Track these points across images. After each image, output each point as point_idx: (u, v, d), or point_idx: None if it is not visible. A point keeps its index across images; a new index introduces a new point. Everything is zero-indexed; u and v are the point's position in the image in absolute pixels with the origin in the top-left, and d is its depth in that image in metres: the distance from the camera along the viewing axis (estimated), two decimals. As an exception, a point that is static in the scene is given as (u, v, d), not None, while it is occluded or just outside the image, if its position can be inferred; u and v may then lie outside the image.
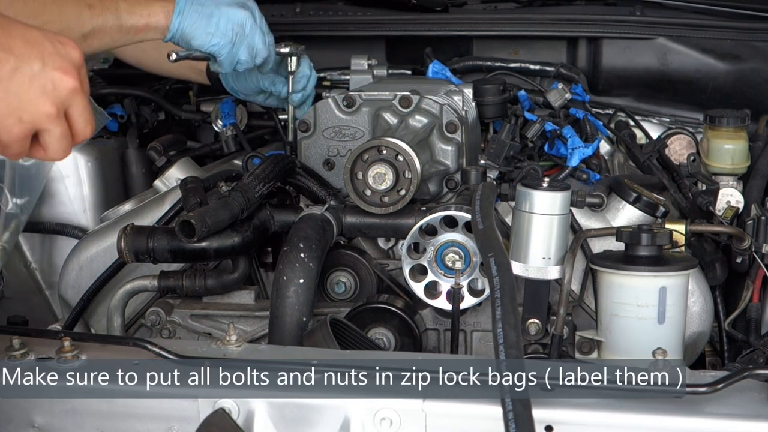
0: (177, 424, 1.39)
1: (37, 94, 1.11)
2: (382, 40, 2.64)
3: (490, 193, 1.72)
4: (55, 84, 1.13)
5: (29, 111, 1.11)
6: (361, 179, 1.80)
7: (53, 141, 1.16)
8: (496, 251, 1.46)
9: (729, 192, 2.08)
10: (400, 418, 1.33)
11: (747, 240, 1.81)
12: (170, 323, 1.91)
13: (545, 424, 1.29)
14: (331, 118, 1.99)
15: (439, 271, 1.83)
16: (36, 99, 1.11)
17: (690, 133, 2.46)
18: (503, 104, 2.23)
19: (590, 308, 1.85)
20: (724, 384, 1.31)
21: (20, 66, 1.10)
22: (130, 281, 1.91)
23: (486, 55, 2.59)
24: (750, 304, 1.88)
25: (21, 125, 1.11)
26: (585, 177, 2.03)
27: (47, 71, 1.12)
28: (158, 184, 2.08)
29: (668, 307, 1.65)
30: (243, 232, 1.80)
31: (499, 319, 1.30)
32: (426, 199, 1.94)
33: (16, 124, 1.11)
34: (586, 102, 2.40)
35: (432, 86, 2.14)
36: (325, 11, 2.62)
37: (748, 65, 2.49)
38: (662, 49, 2.53)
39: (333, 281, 1.92)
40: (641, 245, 1.68)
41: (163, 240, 1.79)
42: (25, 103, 1.11)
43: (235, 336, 1.49)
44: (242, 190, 1.79)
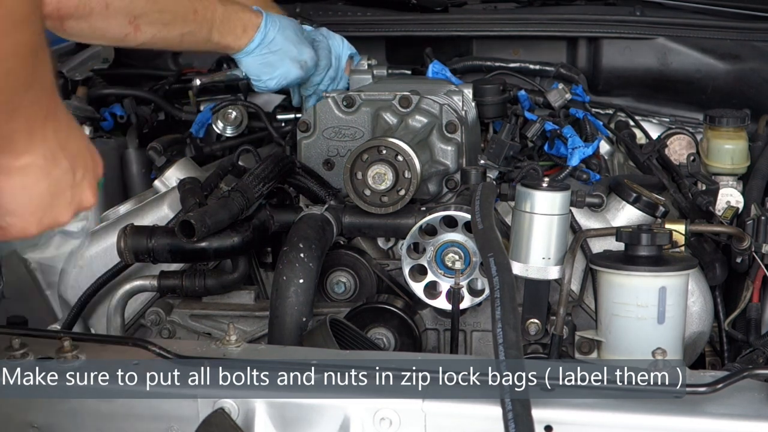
0: (177, 424, 1.39)
1: (66, 202, 1.09)
2: (382, 40, 2.64)
3: (490, 193, 1.72)
4: (82, 199, 1.11)
5: (52, 217, 1.08)
6: (361, 179, 1.80)
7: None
8: (496, 251, 1.46)
9: (729, 192, 2.08)
10: (399, 418, 1.33)
11: (747, 240, 1.81)
12: (170, 323, 1.91)
13: (545, 424, 1.29)
14: (330, 118, 1.99)
15: (439, 271, 1.83)
16: (63, 208, 1.08)
17: (690, 133, 2.46)
18: (503, 104, 2.23)
19: (590, 308, 1.85)
20: (724, 384, 1.31)
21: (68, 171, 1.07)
22: (130, 281, 1.91)
23: (486, 55, 2.59)
24: (750, 304, 1.88)
25: (38, 227, 1.07)
26: (585, 177, 2.03)
27: (82, 185, 1.10)
28: (158, 184, 2.08)
29: (668, 307, 1.65)
30: (243, 232, 1.80)
31: (498, 319, 1.30)
32: (426, 199, 1.94)
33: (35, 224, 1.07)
34: (586, 102, 2.40)
35: (432, 86, 2.14)
36: (324, 11, 2.62)
37: (748, 65, 2.49)
38: (662, 49, 2.53)
39: (333, 281, 1.92)
40: (641, 245, 1.68)
41: (163, 240, 1.79)
42: (54, 208, 1.07)
43: (235, 336, 1.49)
44: (242, 190, 1.79)
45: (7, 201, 1.02)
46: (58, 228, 1.14)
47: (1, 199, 1.02)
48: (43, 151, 1.02)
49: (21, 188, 1.03)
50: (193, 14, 1.93)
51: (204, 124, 2.44)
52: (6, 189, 1.02)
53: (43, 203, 1.06)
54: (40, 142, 1.02)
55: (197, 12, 1.94)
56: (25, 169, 1.02)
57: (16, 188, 1.02)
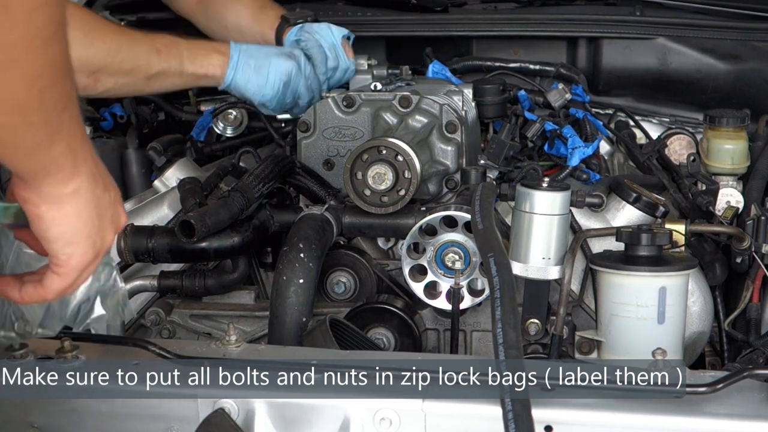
0: (177, 424, 1.39)
1: (109, 222, 1.05)
2: (382, 40, 2.63)
3: (490, 193, 1.71)
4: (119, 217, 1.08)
5: (103, 238, 1.04)
6: (361, 179, 1.80)
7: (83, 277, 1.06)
8: (496, 251, 1.46)
9: (729, 192, 2.08)
10: (399, 418, 1.33)
11: (747, 240, 1.81)
12: (170, 323, 1.91)
13: (545, 424, 1.29)
14: (330, 118, 1.99)
15: (439, 271, 1.83)
16: (108, 227, 1.05)
17: (690, 133, 2.46)
18: (503, 104, 2.23)
19: (590, 308, 1.85)
20: (724, 384, 1.30)
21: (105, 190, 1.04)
22: (130, 281, 1.91)
23: (486, 55, 2.59)
24: (750, 304, 1.88)
25: (93, 251, 1.03)
26: (585, 177, 2.03)
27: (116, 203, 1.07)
28: (157, 184, 2.08)
29: (668, 307, 1.65)
30: (243, 232, 1.80)
31: (498, 319, 1.30)
32: (426, 199, 1.94)
33: (92, 249, 1.02)
34: (586, 102, 2.40)
35: (432, 86, 2.14)
36: (324, 11, 2.62)
37: (748, 65, 2.49)
38: (662, 49, 2.52)
39: (333, 281, 1.92)
40: (641, 245, 1.68)
41: (163, 240, 1.79)
42: (102, 229, 1.03)
43: (235, 336, 1.49)
44: (242, 190, 1.79)
45: (65, 231, 0.99)
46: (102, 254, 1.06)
47: (56, 230, 0.99)
48: (86, 173, 1.00)
49: (76, 215, 0.99)
50: (156, 55, 1.96)
51: (205, 128, 2.44)
52: (61, 219, 0.98)
53: (95, 226, 1.02)
54: (82, 162, 0.99)
55: (161, 52, 1.96)
56: (75, 193, 0.99)
57: (70, 215, 0.99)
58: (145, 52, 1.94)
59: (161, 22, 2.67)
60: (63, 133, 0.95)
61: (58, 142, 0.95)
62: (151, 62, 1.95)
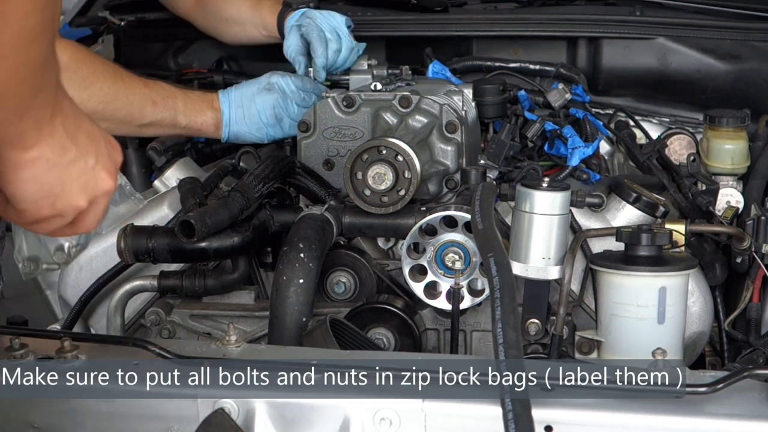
0: (177, 424, 1.39)
1: (79, 187, 1.13)
2: (382, 40, 2.63)
3: (490, 193, 1.71)
4: (97, 182, 1.15)
5: (65, 200, 1.13)
6: (361, 179, 1.80)
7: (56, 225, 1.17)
8: (496, 251, 1.46)
9: (729, 192, 2.08)
10: (399, 418, 1.33)
11: (747, 240, 1.81)
12: (170, 323, 1.91)
13: (545, 424, 1.29)
14: (330, 118, 1.99)
15: (439, 271, 1.83)
16: (76, 192, 1.13)
17: (690, 133, 2.46)
18: (503, 104, 2.23)
19: (590, 308, 1.85)
20: (724, 384, 1.31)
21: (78, 159, 1.12)
22: (130, 281, 1.91)
23: (486, 55, 2.59)
24: (750, 304, 1.88)
25: (51, 209, 1.13)
26: (585, 177, 2.03)
27: (97, 169, 1.15)
28: (157, 184, 2.08)
29: (668, 307, 1.65)
30: (243, 232, 1.80)
31: (498, 319, 1.30)
32: (426, 199, 1.94)
33: (48, 207, 1.13)
34: (586, 102, 2.40)
35: (432, 86, 2.14)
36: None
37: (748, 65, 2.49)
38: (662, 49, 2.53)
39: (333, 281, 1.92)
40: (641, 245, 1.68)
41: (163, 240, 1.79)
42: (66, 193, 1.13)
43: (235, 336, 1.49)
44: (242, 190, 1.79)
45: (20, 190, 1.09)
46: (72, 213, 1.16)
47: (14, 189, 1.09)
48: (51, 144, 1.08)
49: (31, 179, 1.09)
50: (151, 105, 1.99)
51: None
52: (17, 180, 1.08)
53: (54, 190, 1.11)
54: (47, 136, 1.07)
55: (156, 103, 2.00)
56: (34, 161, 1.07)
57: (26, 179, 1.08)
58: (140, 102, 1.98)
59: (161, 22, 2.68)
60: (32, 112, 1.04)
61: (25, 120, 1.03)
62: (144, 112, 1.99)
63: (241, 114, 2.11)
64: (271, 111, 2.12)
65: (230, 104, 2.11)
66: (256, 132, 2.13)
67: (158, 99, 2.01)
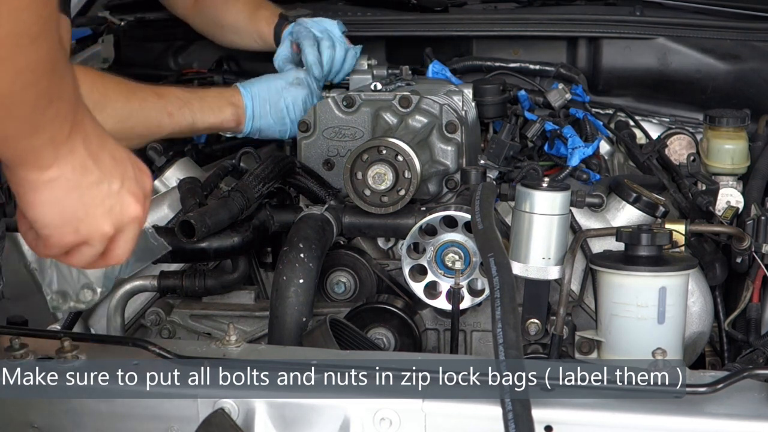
0: (177, 424, 1.39)
1: (104, 212, 1.09)
2: (382, 40, 2.63)
3: (490, 193, 1.71)
4: (123, 208, 1.11)
5: (89, 225, 1.08)
6: (361, 179, 1.80)
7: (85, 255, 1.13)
8: (496, 251, 1.46)
9: (729, 192, 2.08)
10: (399, 418, 1.33)
11: (747, 240, 1.81)
12: (170, 323, 1.91)
13: (545, 424, 1.29)
14: (330, 118, 1.99)
15: (439, 271, 1.83)
16: (101, 217, 1.09)
17: (690, 133, 2.46)
18: (503, 104, 2.23)
19: (590, 308, 1.85)
20: (724, 384, 1.30)
21: (102, 181, 1.07)
22: (130, 281, 1.91)
23: (486, 55, 2.58)
24: (750, 304, 1.88)
25: (75, 235, 1.08)
26: (585, 177, 2.03)
27: (122, 194, 1.10)
28: (157, 184, 2.08)
29: (668, 307, 1.65)
30: (243, 232, 1.80)
31: (498, 319, 1.30)
32: (426, 199, 1.94)
33: (71, 233, 1.08)
34: (586, 102, 2.40)
35: (432, 86, 2.14)
36: (324, 11, 2.62)
37: (748, 65, 2.49)
38: (662, 49, 2.52)
39: (333, 281, 1.92)
40: (641, 245, 1.67)
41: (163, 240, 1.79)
42: (90, 217, 1.08)
43: (235, 336, 1.49)
44: (242, 190, 1.79)
45: (41, 213, 1.04)
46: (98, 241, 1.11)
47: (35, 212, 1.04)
48: (71, 163, 1.03)
49: (52, 201, 1.04)
50: (168, 117, 1.97)
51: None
52: (36, 203, 1.04)
53: (77, 214, 1.07)
54: (67, 154, 1.03)
55: (172, 115, 1.98)
56: (53, 181, 1.03)
57: (46, 201, 1.04)
58: (156, 116, 1.96)
59: (161, 22, 2.68)
60: (46, 127, 0.99)
61: (39, 134, 0.99)
62: (162, 125, 1.97)
63: (267, 108, 2.08)
64: (300, 105, 2.10)
65: (254, 98, 2.08)
66: (281, 126, 2.11)
67: (174, 109, 1.98)
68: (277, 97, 2.10)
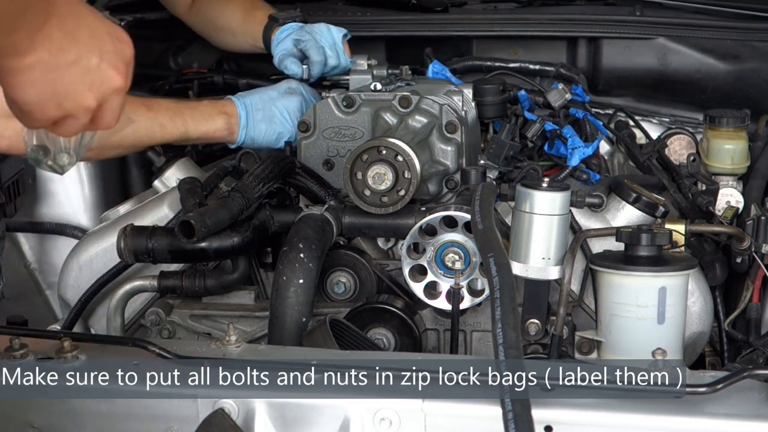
0: (177, 424, 1.39)
1: (85, 87, 1.12)
2: (382, 40, 2.64)
3: (490, 193, 1.71)
4: (104, 81, 1.14)
5: (72, 100, 1.12)
6: (361, 179, 1.80)
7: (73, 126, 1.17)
8: (496, 251, 1.46)
9: (729, 192, 2.08)
10: (399, 418, 1.33)
11: (747, 240, 1.81)
12: (170, 323, 1.91)
13: (545, 424, 1.29)
14: (330, 119, 1.99)
15: (439, 272, 1.83)
16: (83, 91, 1.12)
17: (690, 133, 2.46)
18: (503, 104, 2.23)
19: (590, 308, 1.85)
20: (724, 384, 1.31)
21: (80, 58, 1.11)
22: (130, 281, 1.91)
23: (486, 55, 2.59)
24: (750, 304, 1.88)
25: (58, 110, 1.12)
26: (585, 177, 2.03)
27: (102, 68, 1.13)
28: (157, 184, 2.08)
29: (668, 307, 1.65)
30: (243, 232, 1.80)
31: (498, 319, 1.30)
32: (426, 199, 1.94)
33: (55, 108, 1.12)
34: (586, 102, 2.40)
35: (432, 86, 2.14)
36: (325, 11, 2.62)
37: (748, 65, 2.49)
38: (662, 49, 2.53)
39: (333, 281, 1.92)
40: (641, 245, 1.68)
41: (163, 240, 1.79)
42: (72, 93, 1.11)
43: (235, 336, 1.49)
44: (242, 191, 1.79)
45: (20, 94, 1.09)
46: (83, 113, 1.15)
47: (14, 93, 1.09)
48: (47, 48, 1.07)
49: (29, 83, 1.08)
50: (159, 129, 1.96)
51: None
52: (16, 85, 1.08)
53: (58, 92, 1.10)
54: (43, 40, 1.06)
55: (164, 126, 1.97)
56: (31, 66, 1.07)
57: (24, 83, 1.08)
58: (146, 128, 1.95)
59: (161, 22, 2.68)
60: (25, 25, 1.03)
61: (17, 31, 1.03)
62: (154, 137, 1.97)
63: (260, 116, 2.09)
64: (295, 113, 2.10)
65: (247, 107, 2.08)
66: (274, 136, 2.10)
67: (165, 121, 1.97)
68: (270, 106, 2.10)
